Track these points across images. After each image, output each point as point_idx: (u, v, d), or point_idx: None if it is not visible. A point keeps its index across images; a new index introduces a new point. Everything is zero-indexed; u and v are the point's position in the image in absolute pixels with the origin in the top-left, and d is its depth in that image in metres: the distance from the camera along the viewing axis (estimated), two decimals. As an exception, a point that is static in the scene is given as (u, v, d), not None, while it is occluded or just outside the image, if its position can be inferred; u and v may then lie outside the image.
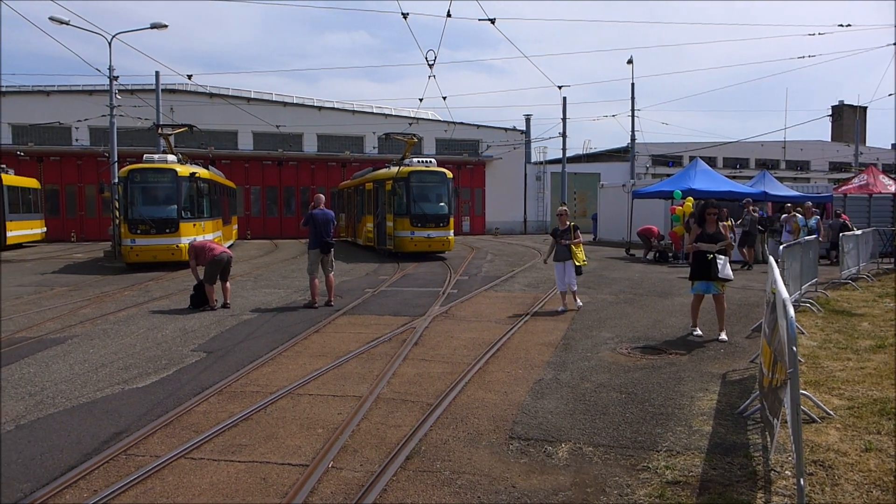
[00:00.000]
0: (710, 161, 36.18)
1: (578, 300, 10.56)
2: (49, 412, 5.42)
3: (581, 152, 45.65)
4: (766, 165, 43.02)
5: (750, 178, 28.98)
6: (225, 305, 10.77)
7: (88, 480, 4.05)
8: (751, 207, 17.92)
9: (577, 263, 10.23)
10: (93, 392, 5.99)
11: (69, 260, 21.23)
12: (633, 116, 32.40)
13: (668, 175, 33.88)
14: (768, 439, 4.45)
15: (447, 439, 4.75)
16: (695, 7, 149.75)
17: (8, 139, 33.84)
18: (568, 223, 10.31)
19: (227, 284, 11.03)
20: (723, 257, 8.08)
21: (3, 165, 27.12)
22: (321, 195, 11.71)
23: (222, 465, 4.28)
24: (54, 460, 4.38)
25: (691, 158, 25.94)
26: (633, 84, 32.40)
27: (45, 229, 30.34)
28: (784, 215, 16.83)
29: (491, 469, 4.24)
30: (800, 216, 16.02)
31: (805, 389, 5.38)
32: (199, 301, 10.66)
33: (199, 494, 3.86)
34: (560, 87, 26.74)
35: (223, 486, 3.98)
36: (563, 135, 31.50)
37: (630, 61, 31.89)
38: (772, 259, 6.85)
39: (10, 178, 26.46)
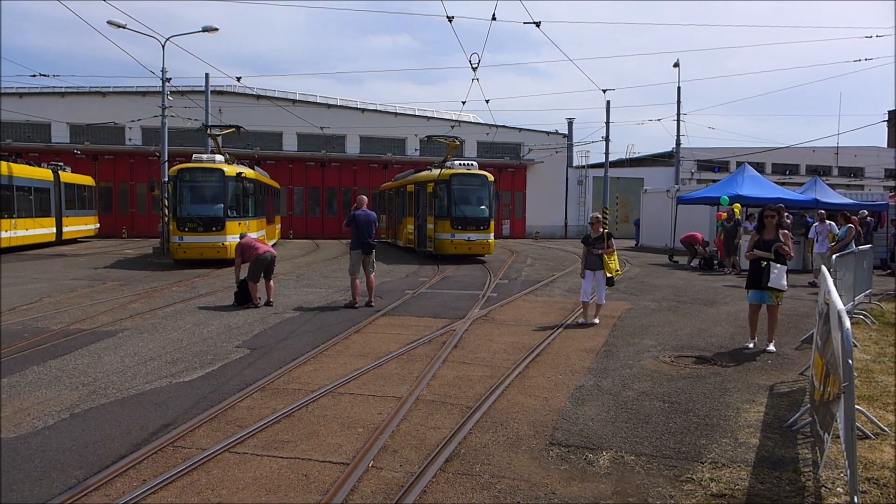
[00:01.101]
0: (759, 167, 35.27)
1: (597, 317, 9.60)
2: (101, 402, 5.62)
3: (624, 157, 45.07)
4: (818, 172, 41.61)
5: (800, 184, 28.12)
6: (268, 303, 10.97)
7: (138, 470, 4.18)
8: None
9: (609, 274, 9.54)
10: (142, 384, 6.18)
11: (120, 255, 21.97)
12: (678, 120, 31.84)
13: (714, 181, 33.14)
14: (818, 454, 4.30)
15: (487, 443, 4.74)
16: (744, 9, 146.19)
17: (66, 138, 35.24)
18: (601, 230, 9.69)
19: (271, 283, 11.23)
20: (779, 266, 7.78)
21: (61, 163, 28.26)
22: (363, 196, 11.85)
23: (265, 461, 4.36)
24: (106, 449, 4.54)
25: (738, 164, 25.33)
26: (679, 87, 31.87)
27: (98, 225, 31.47)
28: (817, 224, 15.37)
29: (531, 474, 4.21)
30: (834, 225, 14.78)
31: (858, 404, 5.18)
32: (244, 298, 10.89)
33: (242, 488, 3.94)
34: (605, 91, 26.43)
35: (266, 480, 4.06)
36: (607, 139, 31.10)
37: (676, 64, 31.37)
38: (824, 269, 6.62)
39: (67, 176, 27.53)
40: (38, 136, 35.16)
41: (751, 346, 8.09)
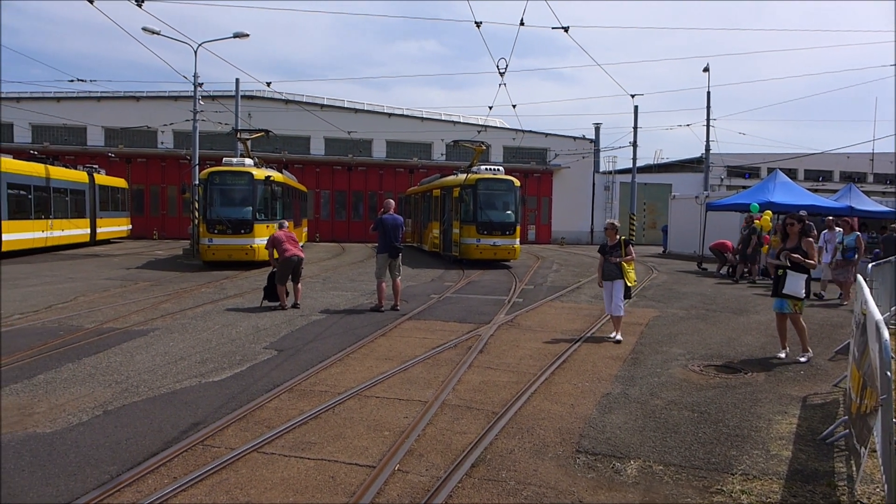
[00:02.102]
0: (791, 173, 34.60)
1: (618, 334, 8.86)
2: (133, 400, 5.72)
3: (652, 162, 44.57)
4: (852, 178, 40.67)
5: (834, 191, 27.52)
6: (295, 305, 11.08)
7: (169, 467, 4.25)
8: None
9: (630, 284, 9.01)
10: (172, 383, 6.29)
11: (151, 256, 22.39)
12: (708, 126, 31.41)
13: (745, 187, 32.58)
14: (854, 468, 4.20)
15: (513, 449, 4.72)
16: (775, 13, 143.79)
17: (101, 141, 36.08)
18: (617, 238, 9.09)
19: (299, 285, 11.34)
20: (796, 274, 7.64)
21: (96, 166, 28.93)
22: (391, 200, 11.91)
23: (292, 462, 4.40)
24: (138, 446, 4.62)
25: (769, 170, 24.88)
26: (708, 92, 31.47)
27: (130, 226, 32.15)
28: (825, 231, 14.54)
29: (557, 482, 4.18)
30: (838, 230, 13.98)
31: (896, 418, 5.04)
32: (272, 293, 11.00)
33: (270, 488, 3.98)
34: (633, 96, 26.19)
35: (293, 481, 4.09)
36: (634, 144, 30.82)
37: (706, 69, 30.94)
38: (861, 278, 6.47)
39: (101, 178, 28.18)
40: (74, 140, 36.06)
41: (782, 355, 7.94)
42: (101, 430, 4.93)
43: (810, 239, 7.85)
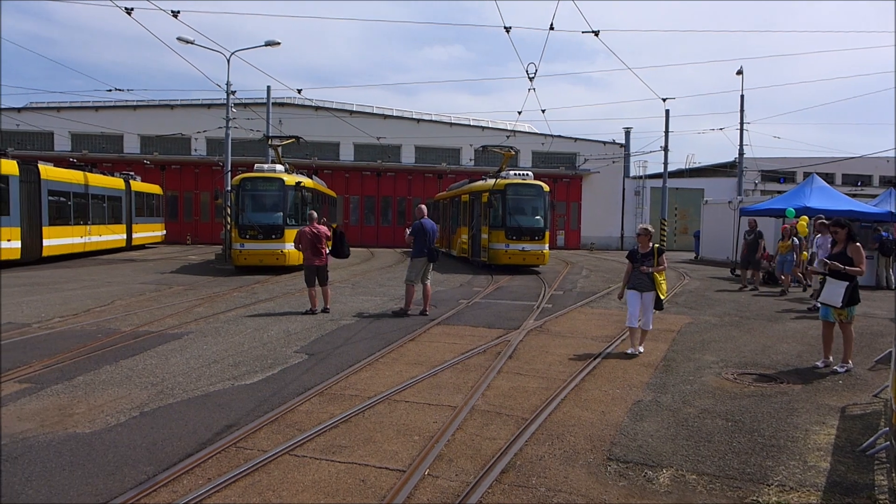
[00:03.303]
0: (828, 178, 33.77)
1: (643, 345, 8.33)
2: (169, 402, 5.84)
3: (684, 167, 44.00)
4: (893, 183, 39.58)
5: (873, 196, 26.76)
6: (325, 310, 11.18)
7: (203, 468, 4.32)
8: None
9: (663, 296, 8.24)
10: (206, 386, 6.40)
11: (185, 261, 22.83)
12: (741, 129, 30.88)
13: (780, 192, 31.95)
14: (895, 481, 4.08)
15: (543, 455, 4.69)
16: (811, 13, 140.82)
17: (137, 149, 37.01)
18: (651, 245, 8.25)
19: (326, 288, 11.40)
20: (835, 281, 7.44)
21: (132, 173, 29.68)
22: (423, 206, 11.95)
23: (324, 464, 4.44)
24: (174, 447, 4.71)
25: (806, 175, 24.34)
26: (742, 96, 30.94)
27: (165, 232, 32.87)
28: (818, 236, 13.50)
29: (588, 490, 4.14)
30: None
31: (941, 430, 4.88)
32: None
33: (302, 491, 4.03)
34: (664, 100, 25.89)
35: (324, 484, 4.13)
36: (665, 148, 30.44)
37: (740, 72, 30.45)
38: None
39: (137, 185, 28.88)
40: (111, 147, 37.04)
41: (820, 364, 7.74)
42: (137, 431, 5.04)
43: (857, 244, 7.58)
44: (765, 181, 43.29)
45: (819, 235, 13.21)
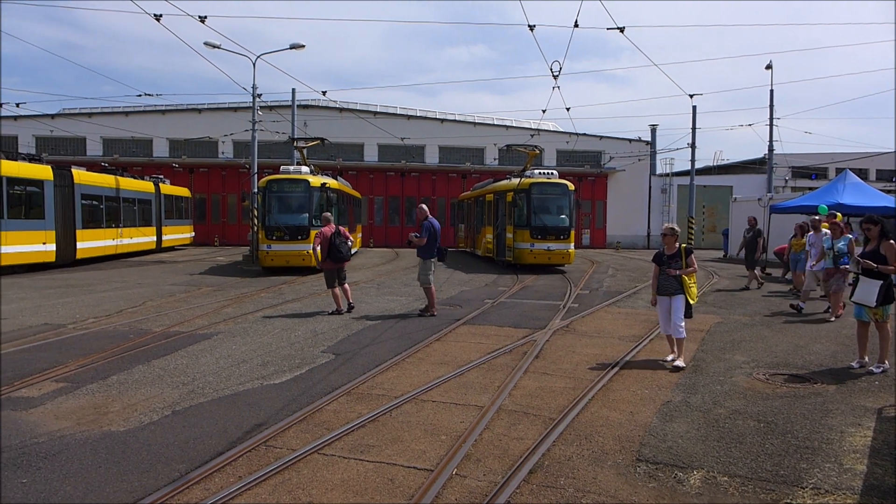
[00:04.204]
0: (861, 173, 33.02)
1: (680, 360, 7.53)
2: (199, 401, 5.94)
3: (712, 164, 43.34)
4: (930, 178, 38.47)
5: (909, 192, 26.07)
6: (349, 308, 11.23)
7: (234, 466, 4.38)
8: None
9: (693, 301, 7.63)
10: (236, 385, 6.49)
11: (213, 262, 23.18)
12: (771, 125, 30.29)
13: (811, 188, 31.31)
14: (938, 486, 3.97)
15: (571, 456, 4.66)
16: (842, 5, 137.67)
17: (165, 152, 37.68)
18: (677, 245, 7.71)
19: (346, 285, 11.44)
20: (869, 280, 7.25)
21: (161, 176, 30.22)
22: (424, 206, 11.93)
23: (352, 463, 4.47)
24: (205, 445, 4.79)
25: (838, 171, 23.79)
26: (771, 91, 30.34)
27: (193, 234, 33.41)
28: (810, 234, 12.94)
29: (617, 491, 4.10)
30: (826, 232, 11.92)
31: (984, 432, 4.74)
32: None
33: (331, 489, 4.06)
34: (691, 96, 25.54)
35: (353, 483, 4.16)
36: (693, 145, 30.03)
37: (769, 66, 29.88)
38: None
39: (166, 188, 29.40)
40: (141, 151, 37.77)
41: (855, 365, 7.56)
42: (170, 430, 5.14)
43: (891, 241, 7.37)
44: (795, 178, 42.43)
45: (812, 233, 12.89)
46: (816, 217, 13.27)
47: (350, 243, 11.60)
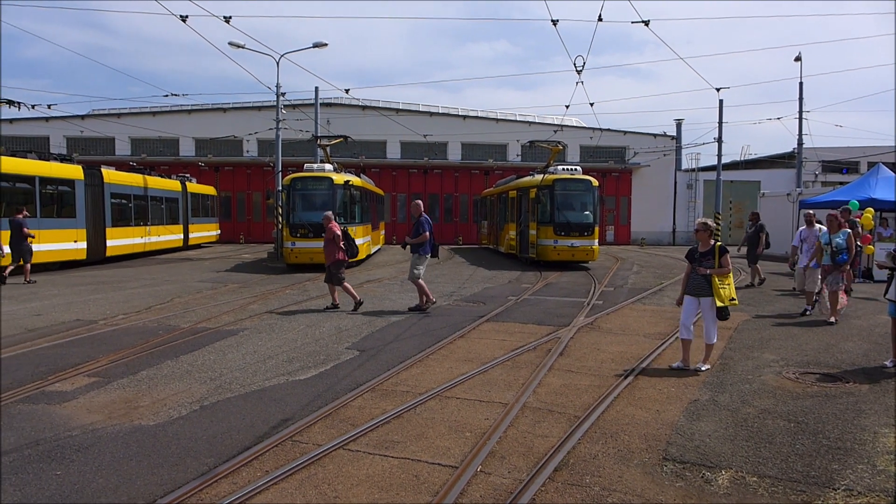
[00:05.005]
0: (894, 167, 32.16)
1: (706, 365, 7.15)
2: (227, 396, 6.02)
3: (739, 158, 42.64)
4: (966, 172, 37.34)
5: (946, 186, 25.32)
6: (333, 306, 11.29)
7: (261, 461, 4.43)
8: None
9: (721, 303, 6.95)
10: (262, 381, 6.56)
11: (238, 260, 23.46)
12: (800, 118, 29.73)
13: (842, 183, 30.60)
14: (977, 488, 3.86)
15: (596, 454, 4.63)
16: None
17: (191, 151, 38.21)
18: (711, 243, 7.22)
19: (335, 286, 11.47)
20: None
21: (187, 175, 30.67)
22: (420, 202, 11.76)
23: (377, 459, 4.50)
24: (232, 440, 4.85)
25: (870, 164, 23.23)
26: (800, 83, 29.76)
27: (219, 231, 33.86)
28: (802, 228, 12.28)
29: (644, 490, 4.07)
30: (824, 229, 11.04)
31: None
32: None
33: (356, 485, 4.08)
34: (718, 90, 25.12)
35: (378, 478, 4.18)
36: (719, 139, 29.54)
37: (798, 58, 29.30)
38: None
39: (193, 186, 29.83)
40: (168, 150, 38.36)
41: (889, 364, 7.39)
42: (198, 424, 5.21)
43: None
44: (826, 172, 41.51)
45: (804, 228, 12.21)
46: (809, 211, 12.60)
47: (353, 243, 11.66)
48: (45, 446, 4.70)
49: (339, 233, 11.44)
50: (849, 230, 10.41)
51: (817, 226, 11.84)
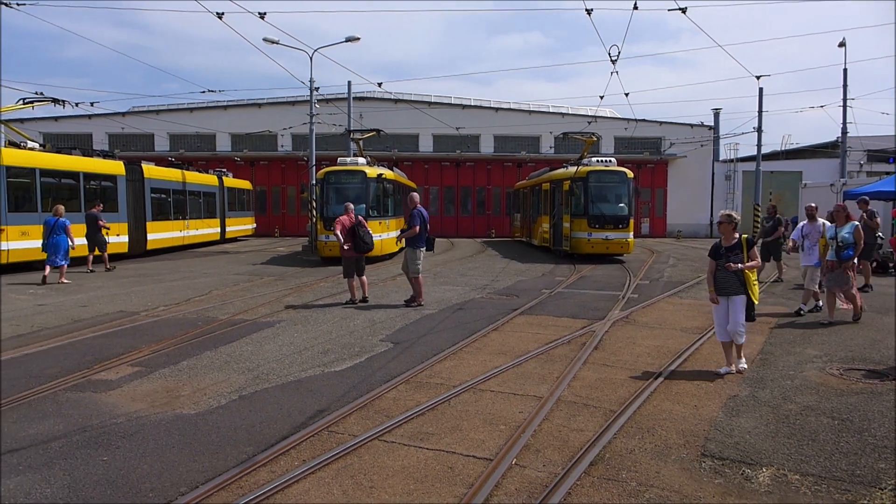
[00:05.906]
0: (945, 156, 30.90)
1: (742, 361, 6.77)
2: (264, 387, 6.12)
3: (779, 148, 41.47)
4: None
5: None
6: (363, 300, 11.26)
7: (298, 451, 4.51)
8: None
9: (756, 300, 6.67)
10: (298, 372, 6.66)
11: (274, 253, 23.82)
12: (844, 106, 28.77)
13: (889, 173, 29.56)
14: None
15: (633, 449, 4.58)
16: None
17: (228, 146, 38.89)
18: (737, 236, 6.73)
19: (363, 278, 11.46)
20: None
21: (224, 169, 31.22)
22: (416, 194, 11.63)
23: (412, 451, 4.53)
24: (270, 429, 4.94)
25: (920, 154, 22.32)
26: (845, 70, 28.80)
27: (255, 225, 34.41)
28: (804, 223, 11.44)
29: (682, 486, 4.01)
30: (828, 224, 10.32)
31: None
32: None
33: (392, 475, 4.12)
34: (758, 77, 24.45)
35: (413, 469, 4.21)
36: (759, 129, 28.80)
37: (842, 44, 28.32)
38: None
39: (229, 181, 30.36)
40: (205, 146, 39.11)
41: (938, 360, 7.12)
42: (237, 414, 5.32)
43: None
44: (871, 161, 40.07)
45: (805, 223, 11.40)
46: (812, 204, 11.81)
47: (370, 234, 11.50)
48: (92, 433, 4.86)
49: (346, 225, 11.25)
50: (856, 223, 9.63)
51: (820, 220, 11.16)
